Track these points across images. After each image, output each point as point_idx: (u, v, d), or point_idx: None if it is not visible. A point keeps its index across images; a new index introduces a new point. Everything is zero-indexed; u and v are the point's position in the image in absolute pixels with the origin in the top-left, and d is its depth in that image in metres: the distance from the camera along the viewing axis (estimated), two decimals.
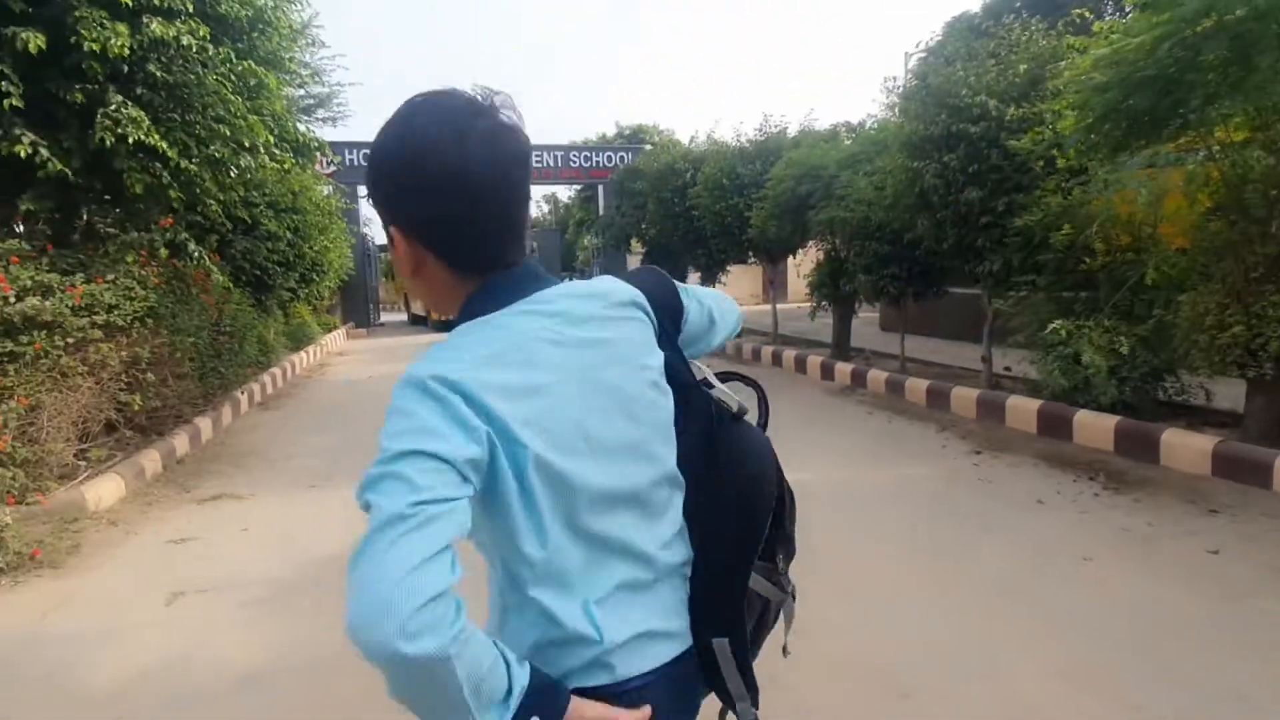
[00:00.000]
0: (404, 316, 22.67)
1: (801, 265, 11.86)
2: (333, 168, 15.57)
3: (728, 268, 13.65)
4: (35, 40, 4.27)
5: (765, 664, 1.06)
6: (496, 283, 0.85)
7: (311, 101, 14.07)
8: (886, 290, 8.14)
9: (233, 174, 5.52)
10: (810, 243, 10.58)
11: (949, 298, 8.70)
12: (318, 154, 6.48)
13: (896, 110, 7.75)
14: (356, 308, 19.00)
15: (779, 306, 12.20)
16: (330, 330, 15.60)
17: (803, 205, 8.96)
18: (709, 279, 13.62)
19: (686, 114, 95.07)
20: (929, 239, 7.13)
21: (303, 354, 11.91)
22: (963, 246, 6.84)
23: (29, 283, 4.41)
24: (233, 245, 7.93)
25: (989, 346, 7.24)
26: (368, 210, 19.66)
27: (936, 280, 8.20)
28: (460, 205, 0.81)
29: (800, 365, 9.80)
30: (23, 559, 3.81)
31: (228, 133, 5.14)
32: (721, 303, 1.16)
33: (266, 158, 5.65)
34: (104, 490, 4.81)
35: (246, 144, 5.35)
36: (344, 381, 10.35)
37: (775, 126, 11.48)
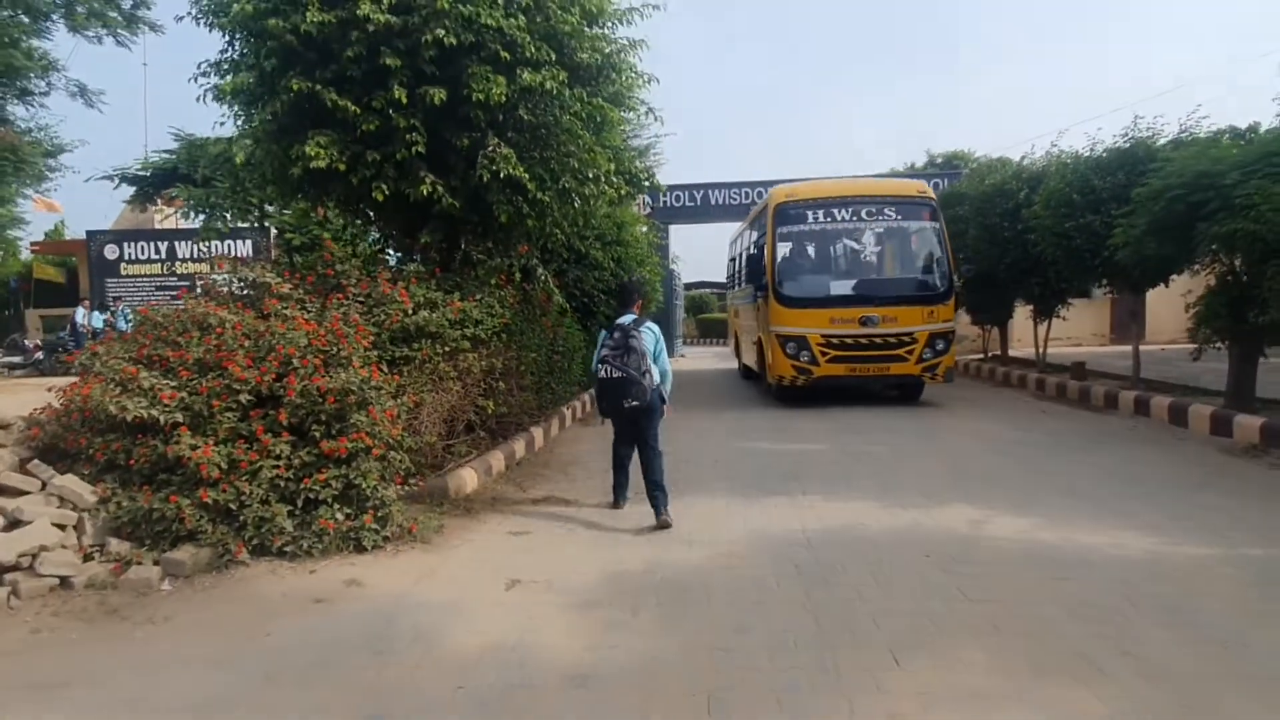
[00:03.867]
0: (710, 349, 23.46)
1: (1186, 295, 9.59)
2: (649, 209, 16.80)
3: (1069, 300, 11.75)
4: (438, 95, 5.19)
5: None
6: None
7: (634, 153, 15.45)
8: None
9: (576, 203, 6.13)
10: (1194, 265, 8.57)
11: None
12: (647, 186, 6.94)
13: None
14: (664, 337, 20.11)
15: (1141, 347, 10.10)
16: None
17: (1192, 218, 7.28)
18: (1044, 313, 11.85)
19: (1001, 141, 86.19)
20: None
21: None
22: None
23: (422, 299, 5.28)
24: (566, 273, 8.84)
25: None
26: (676, 247, 20.88)
27: None
28: None
29: (1178, 416, 7.90)
30: (403, 531, 4.46)
31: (575, 165, 5.73)
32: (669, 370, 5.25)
33: (606, 186, 6.18)
34: (461, 482, 5.51)
35: (590, 174, 5.91)
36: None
37: (1145, 130, 9.62)
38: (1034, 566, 3.87)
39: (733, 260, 15.54)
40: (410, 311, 5.08)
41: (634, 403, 4.80)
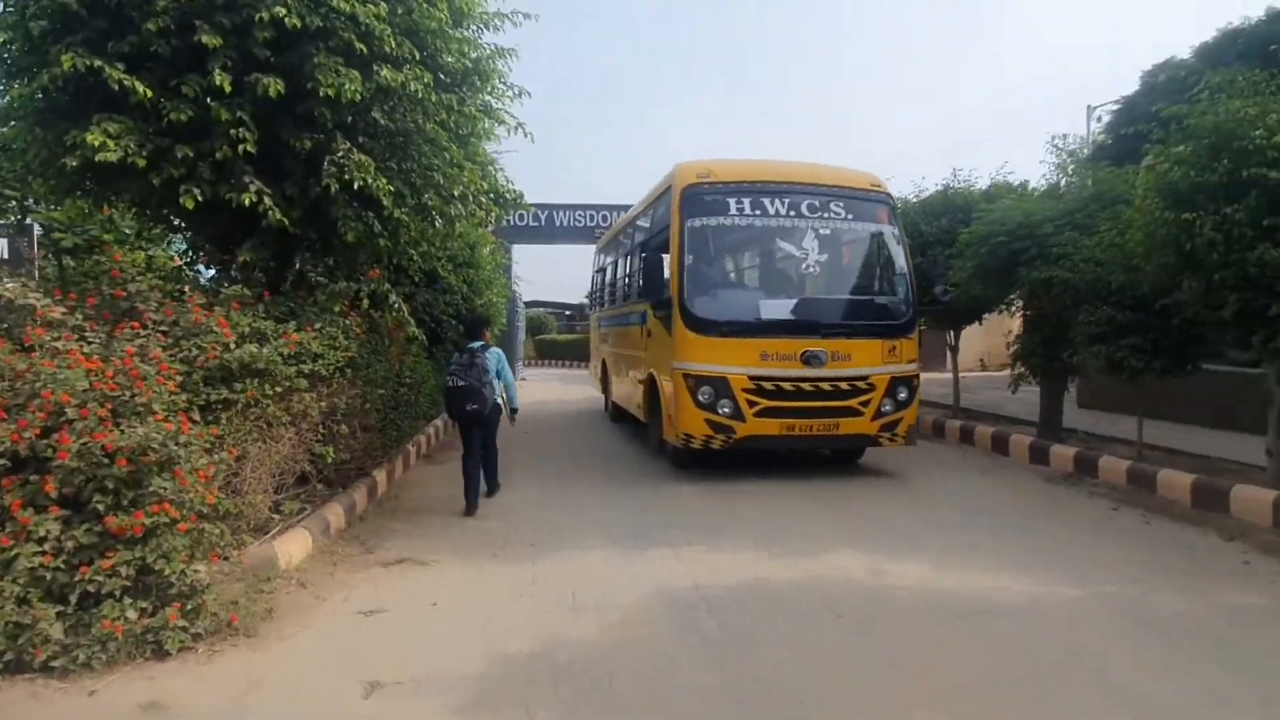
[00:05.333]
0: (552, 370, 22.81)
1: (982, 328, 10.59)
2: (491, 226, 16.02)
3: None
4: (275, 85, 4.32)
5: None
6: None
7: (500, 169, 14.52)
8: (1126, 364, 6.93)
9: (438, 223, 5.43)
10: (1010, 305, 9.45)
11: (1196, 376, 7.35)
12: (515, 207, 6.36)
13: (1069, 169, 7.17)
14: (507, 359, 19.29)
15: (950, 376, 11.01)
16: None
17: (1013, 263, 7.96)
18: None
19: None
20: (1196, 305, 5.98)
21: None
22: (1246, 315, 5.64)
23: (247, 329, 4.34)
24: (415, 297, 7.99)
25: (1277, 438, 5.89)
26: (518, 267, 20.18)
27: (1192, 354, 6.92)
28: None
29: (1000, 445, 8.59)
30: (220, 624, 3.54)
31: (440, 180, 5.05)
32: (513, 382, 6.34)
33: (476, 206, 5.53)
34: (294, 547, 4.59)
35: (456, 192, 5.24)
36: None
37: (962, 181, 10.56)
38: (943, 620, 3.81)
39: (600, 271, 12.54)
40: (232, 345, 4.13)
41: (474, 406, 5.85)
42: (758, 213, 6.96)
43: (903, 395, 6.95)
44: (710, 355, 6.56)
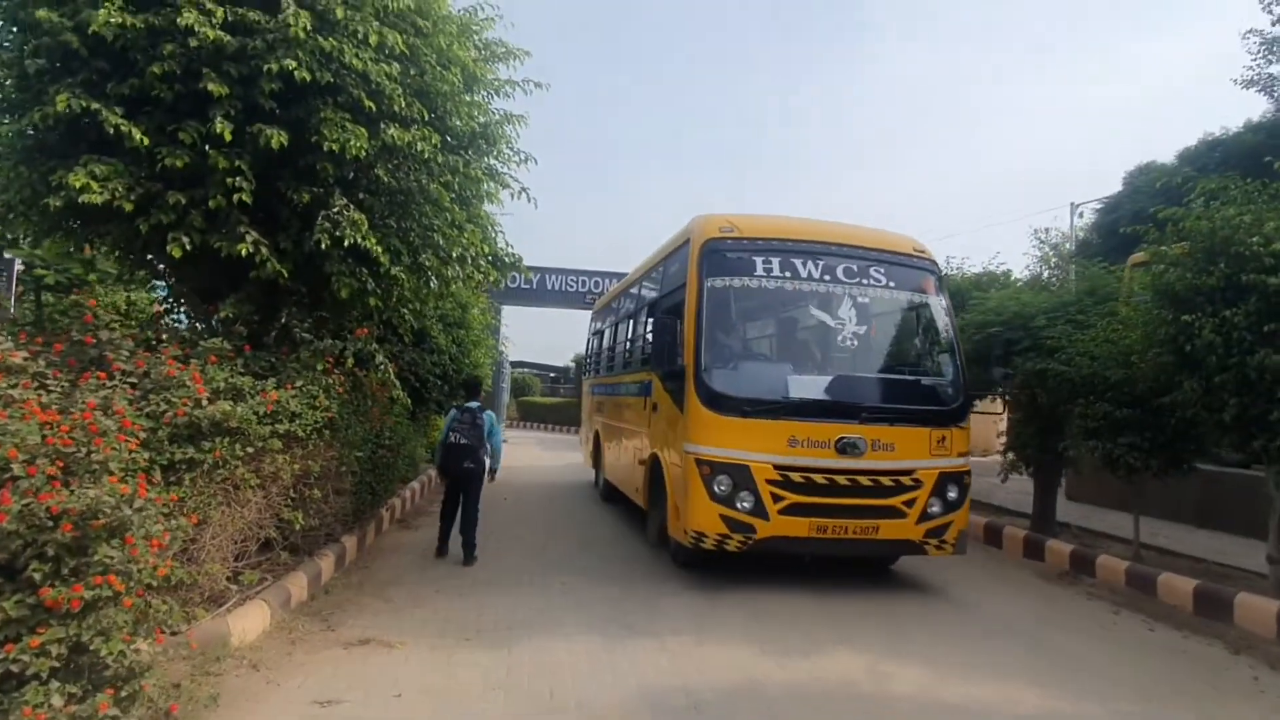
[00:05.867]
0: (532, 433, 22.40)
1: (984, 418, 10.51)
2: (488, 290, 15.97)
3: None
4: (279, 137, 4.21)
5: None
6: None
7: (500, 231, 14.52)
8: (1123, 460, 6.81)
9: (433, 284, 5.27)
10: (1003, 393, 9.39)
11: (1194, 475, 7.24)
12: (514, 271, 6.23)
13: (1052, 262, 7.14)
14: None
15: None
16: None
17: (1008, 352, 7.93)
18: None
19: None
20: (1194, 405, 5.91)
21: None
22: (1246, 419, 5.57)
23: (222, 385, 4.09)
24: (402, 356, 7.77)
25: (1277, 544, 5.74)
26: (506, 329, 20.07)
27: (1188, 453, 6.82)
28: None
29: (993, 537, 8.38)
30: (159, 713, 3.18)
31: (440, 240, 4.91)
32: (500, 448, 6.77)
33: (474, 269, 5.39)
34: (249, 622, 4.23)
35: (455, 253, 5.11)
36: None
37: (955, 269, 10.66)
38: None
39: (597, 335, 11.44)
40: (204, 401, 3.88)
41: (470, 465, 6.27)
42: (787, 275, 5.96)
43: (953, 495, 5.84)
44: (729, 438, 5.50)
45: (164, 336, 4.58)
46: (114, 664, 3.06)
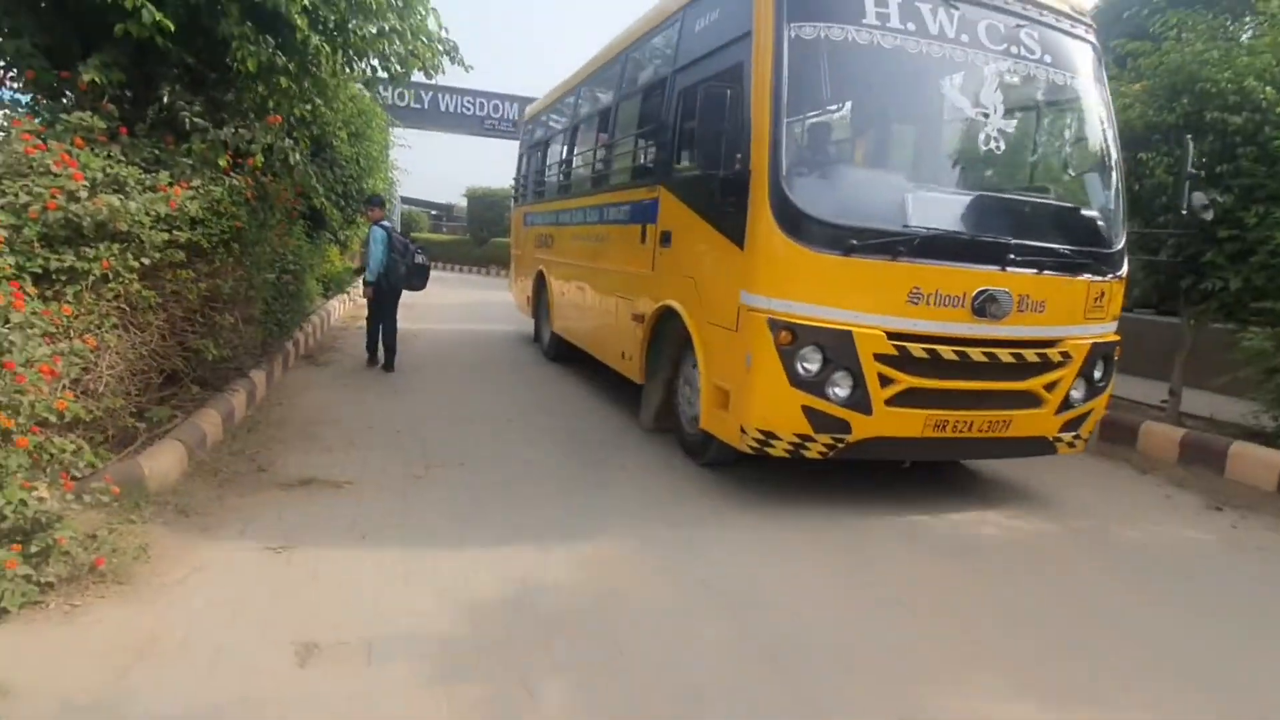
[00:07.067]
0: None
1: None
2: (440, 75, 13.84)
3: None
4: None
5: None
6: None
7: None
8: None
9: (369, 65, 4.25)
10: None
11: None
12: (453, 59, 5.13)
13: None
14: None
15: None
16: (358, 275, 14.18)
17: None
18: None
19: None
20: (1131, 247, 6.09)
21: (335, 302, 10.63)
22: (1180, 259, 5.80)
23: (100, 176, 3.17)
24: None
25: (1180, 379, 6.23)
26: (395, 156, 18.11)
27: None
28: None
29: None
30: (79, 568, 2.65)
31: (374, 5, 3.88)
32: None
33: (424, 48, 4.36)
34: (163, 462, 3.62)
35: (396, 24, 4.09)
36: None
37: None
38: None
39: (538, 146, 8.84)
40: (81, 194, 2.97)
41: (419, 283, 6.97)
42: (910, 28, 3.90)
43: (1099, 375, 4.32)
44: (822, 289, 3.68)
45: (2, 112, 3.48)
46: (13, 515, 2.47)
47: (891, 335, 3.72)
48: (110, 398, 3.22)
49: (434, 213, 33.34)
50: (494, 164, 31.89)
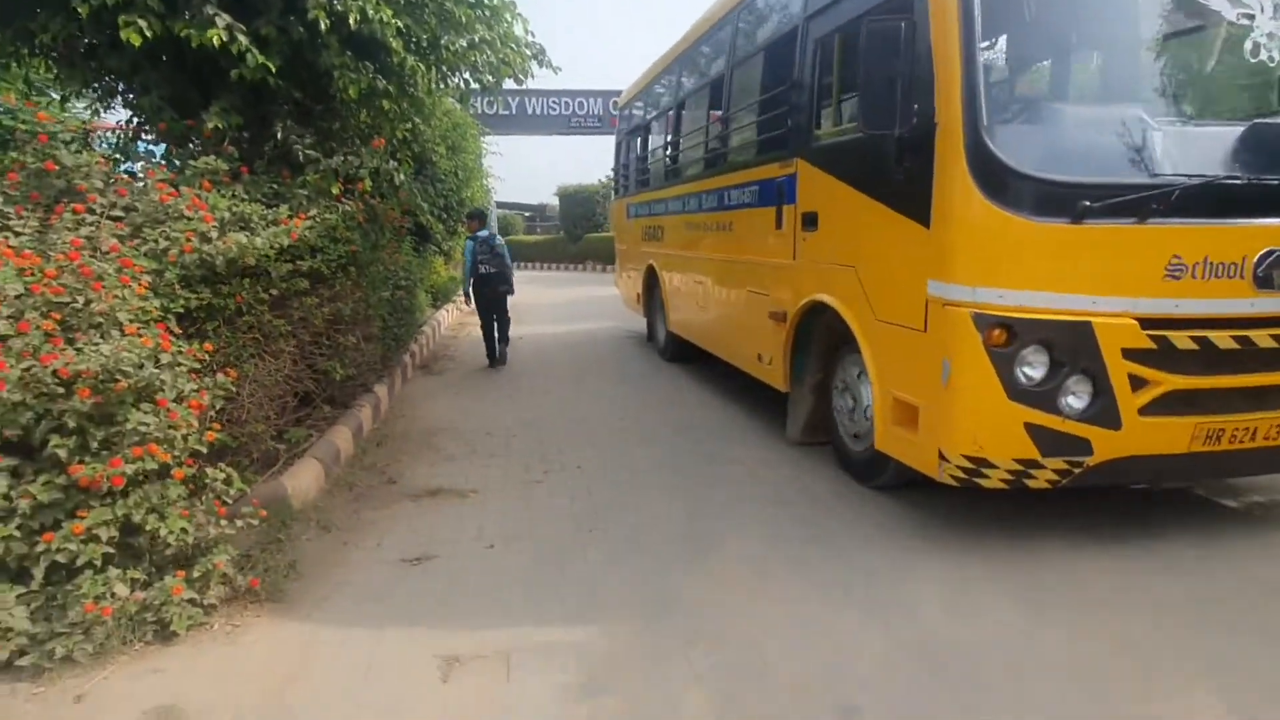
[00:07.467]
0: (522, 273, 21.66)
1: None
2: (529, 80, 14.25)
3: None
4: None
5: None
6: None
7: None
8: None
9: (462, 79, 4.30)
10: None
11: None
12: (543, 63, 5.12)
13: None
14: None
15: None
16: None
17: None
18: None
19: None
20: None
21: (444, 312, 11.02)
22: None
23: (227, 214, 3.35)
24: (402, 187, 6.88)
25: None
26: (487, 161, 18.61)
27: None
28: None
29: None
30: (237, 590, 2.80)
31: (463, 19, 3.91)
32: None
33: (514, 54, 4.38)
34: (303, 481, 3.81)
35: (478, 36, 4.11)
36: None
37: None
38: None
39: (638, 131, 8.22)
40: (213, 235, 3.16)
41: (505, 288, 7.19)
42: None
43: None
44: (1047, 269, 2.87)
45: (139, 165, 3.75)
46: (175, 543, 2.62)
47: (1146, 323, 2.85)
48: (252, 424, 3.42)
49: (528, 214, 34.20)
50: (581, 162, 32.35)
